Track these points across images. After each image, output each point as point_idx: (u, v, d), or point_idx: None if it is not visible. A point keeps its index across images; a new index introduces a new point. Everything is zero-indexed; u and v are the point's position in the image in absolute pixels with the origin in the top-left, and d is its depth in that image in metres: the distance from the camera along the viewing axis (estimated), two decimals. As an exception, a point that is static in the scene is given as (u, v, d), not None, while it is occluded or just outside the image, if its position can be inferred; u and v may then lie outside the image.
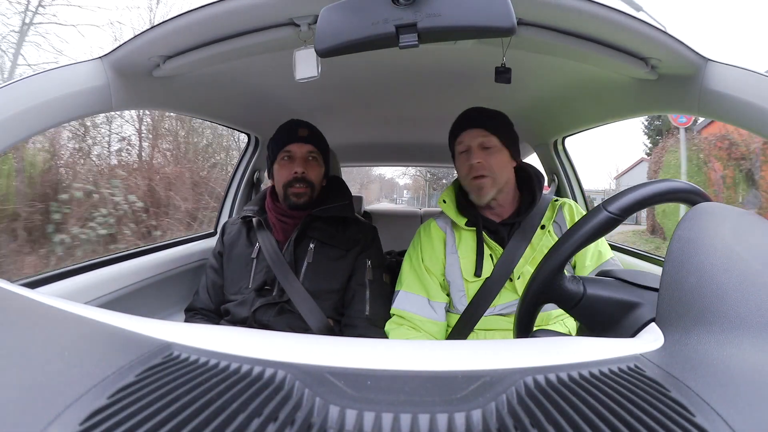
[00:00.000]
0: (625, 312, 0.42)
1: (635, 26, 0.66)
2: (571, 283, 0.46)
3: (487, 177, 0.88)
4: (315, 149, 1.05)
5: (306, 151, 1.03)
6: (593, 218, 0.45)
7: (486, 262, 0.90)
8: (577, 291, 0.45)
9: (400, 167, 23.76)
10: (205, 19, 0.68)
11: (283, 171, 1.03)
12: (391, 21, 0.45)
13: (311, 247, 1.02)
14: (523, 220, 0.91)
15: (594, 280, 0.47)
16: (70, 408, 0.19)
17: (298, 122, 1.07)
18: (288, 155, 1.03)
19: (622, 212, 0.44)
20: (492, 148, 0.90)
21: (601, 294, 0.44)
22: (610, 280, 0.46)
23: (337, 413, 0.21)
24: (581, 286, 0.45)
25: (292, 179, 1.01)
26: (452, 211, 0.95)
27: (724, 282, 0.28)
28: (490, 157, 0.89)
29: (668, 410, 0.20)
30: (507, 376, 0.24)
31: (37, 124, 0.67)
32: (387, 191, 29.81)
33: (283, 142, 1.04)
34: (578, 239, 0.45)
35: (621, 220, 0.44)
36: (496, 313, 0.88)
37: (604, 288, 0.45)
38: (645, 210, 6.16)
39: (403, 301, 0.93)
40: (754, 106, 0.64)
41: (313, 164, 1.04)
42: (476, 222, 0.92)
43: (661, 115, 7.32)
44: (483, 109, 0.94)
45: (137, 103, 0.89)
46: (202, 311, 1.06)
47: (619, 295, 0.43)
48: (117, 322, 0.30)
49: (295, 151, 1.03)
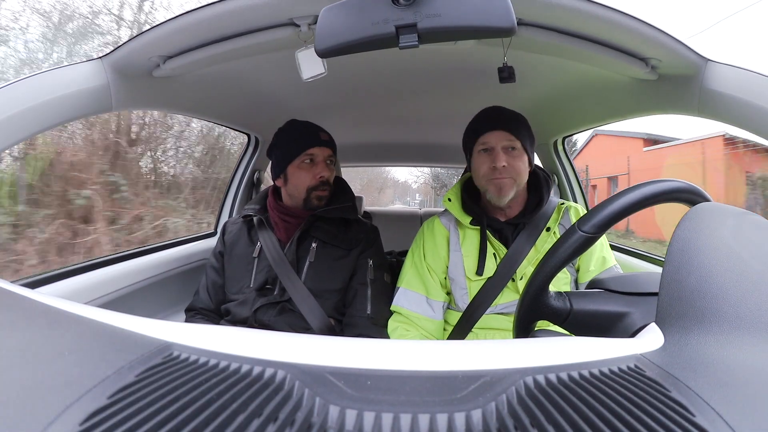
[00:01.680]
0: (613, 323, 0.43)
1: (635, 26, 0.66)
2: (557, 301, 0.47)
3: (508, 178, 0.88)
4: (332, 153, 1.06)
5: (327, 155, 1.05)
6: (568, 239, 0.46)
7: (489, 261, 0.90)
8: (564, 308, 0.46)
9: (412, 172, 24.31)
10: (205, 19, 0.68)
11: (305, 174, 1.02)
12: (391, 21, 0.45)
13: (313, 246, 1.02)
14: (528, 221, 0.91)
15: (580, 294, 0.48)
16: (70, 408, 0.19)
17: (315, 126, 1.07)
18: (311, 158, 1.03)
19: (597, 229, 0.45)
20: (515, 151, 0.90)
21: (588, 308, 0.46)
22: (597, 292, 0.47)
23: (337, 413, 0.21)
24: (567, 302, 0.47)
25: (318, 183, 1.02)
26: (457, 209, 0.95)
27: (724, 282, 0.28)
28: (514, 160, 0.89)
29: (668, 410, 0.20)
30: (507, 376, 0.24)
31: (37, 124, 0.67)
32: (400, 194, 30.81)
33: (306, 144, 1.02)
34: (556, 261, 0.46)
35: (597, 236, 0.45)
36: (497, 312, 0.88)
37: (590, 302, 0.46)
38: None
39: (402, 298, 0.93)
40: (754, 106, 0.64)
41: (331, 168, 1.07)
42: (481, 221, 0.92)
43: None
44: (505, 109, 0.94)
45: (137, 103, 0.89)
46: (202, 311, 1.06)
47: (605, 308, 0.45)
48: (117, 322, 0.30)
49: (318, 155, 1.03)
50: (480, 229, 0.92)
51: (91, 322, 0.30)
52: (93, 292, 0.95)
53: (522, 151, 0.90)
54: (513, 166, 0.88)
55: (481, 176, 0.91)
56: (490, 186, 0.90)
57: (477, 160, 0.93)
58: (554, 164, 1.62)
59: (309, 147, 1.02)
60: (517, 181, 0.89)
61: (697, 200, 0.44)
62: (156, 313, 1.20)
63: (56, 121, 0.70)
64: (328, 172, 1.04)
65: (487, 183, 0.90)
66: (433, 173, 17.09)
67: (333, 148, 1.07)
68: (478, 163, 0.92)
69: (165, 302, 1.24)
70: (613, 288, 0.46)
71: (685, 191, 0.45)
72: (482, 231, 0.91)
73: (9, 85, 0.63)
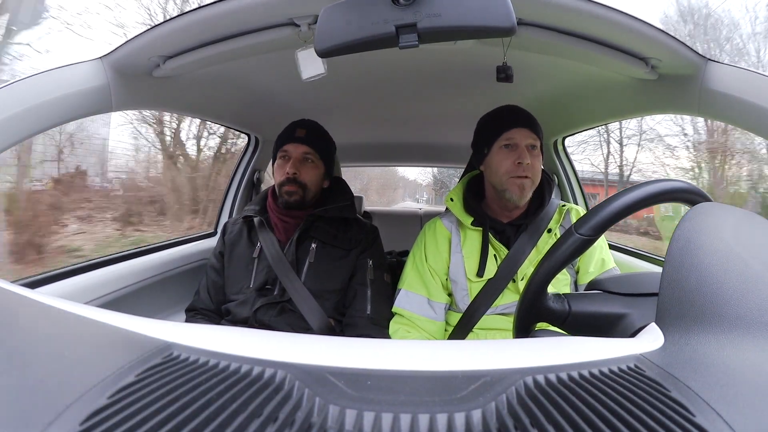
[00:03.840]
0: (612, 324, 0.44)
1: (635, 26, 0.66)
2: (555, 303, 0.47)
3: (529, 178, 0.88)
4: (311, 150, 1.04)
5: (301, 152, 1.03)
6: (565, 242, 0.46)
7: (490, 262, 0.89)
8: (563, 309, 0.47)
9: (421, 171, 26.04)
10: (205, 19, 0.68)
11: (279, 171, 1.04)
12: (391, 21, 0.45)
13: (313, 247, 1.02)
14: (530, 223, 0.91)
15: (578, 296, 0.48)
16: (70, 408, 0.19)
17: (301, 122, 1.07)
18: (285, 155, 1.04)
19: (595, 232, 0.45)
20: (536, 151, 0.90)
21: (586, 310, 0.46)
22: (595, 294, 0.48)
23: (337, 413, 0.21)
24: (566, 304, 0.47)
25: (284, 179, 1.02)
26: (459, 209, 0.95)
27: (724, 282, 0.28)
28: (535, 159, 0.89)
29: (668, 410, 0.20)
30: (507, 376, 0.24)
31: (37, 124, 0.67)
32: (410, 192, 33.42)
33: (282, 141, 1.05)
34: (553, 264, 0.46)
35: (594, 239, 0.45)
36: (498, 313, 0.88)
37: (589, 303, 0.46)
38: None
39: (404, 300, 0.93)
40: (754, 106, 0.64)
41: (308, 165, 1.04)
42: (483, 222, 0.92)
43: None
44: (523, 109, 0.94)
45: (137, 103, 0.89)
46: (203, 311, 1.06)
47: (604, 309, 0.45)
48: (117, 322, 0.30)
49: (291, 152, 1.03)
50: (482, 231, 0.92)
51: (91, 322, 0.30)
52: (93, 292, 0.95)
53: (540, 152, 0.91)
54: (534, 165, 0.88)
55: (503, 173, 0.88)
56: (512, 185, 0.87)
57: (498, 155, 0.90)
58: (554, 164, 1.62)
59: (284, 144, 1.04)
60: (535, 182, 0.89)
61: (697, 200, 0.44)
62: (156, 313, 1.20)
63: (56, 121, 0.70)
64: (295, 169, 1.02)
65: (508, 181, 0.88)
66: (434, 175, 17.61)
67: (312, 145, 1.05)
68: (499, 159, 0.89)
69: (165, 302, 1.24)
70: (612, 289, 0.47)
71: (685, 191, 0.45)
72: (484, 232, 0.91)
73: (9, 85, 0.63)
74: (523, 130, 0.89)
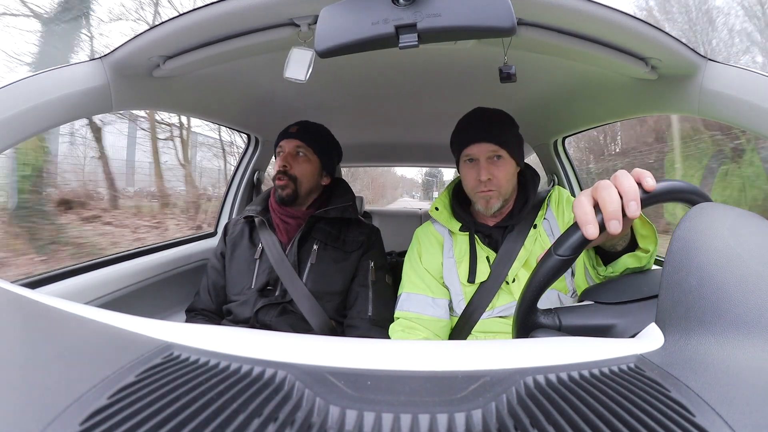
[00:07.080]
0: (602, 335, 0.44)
1: (635, 26, 0.66)
2: (546, 319, 0.48)
3: (494, 191, 0.88)
4: (302, 144, 1.05)
5: (293, 146, 1.05)
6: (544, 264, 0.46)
7: (481, 265, 0.89)
8: (554, 324, 0.48)
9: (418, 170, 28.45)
10: (205, 19, 0.68)
11: (275, 167, 1.07)
12: (391, 21, 0.45)
13: (315, 248, 1.02)
14: (516, 223, 0.91)
15: (568, 310, 0.49)
16: (70, 408, 0.19)
17: (299, 122, 1.09)
18: (280, 151, 1.07)
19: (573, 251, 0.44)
20: (501, 160, 0.88)
21: (576, 323, 0.47)
22: (585, 306, 0.48)
23: (337, 413, 0.21)
24: (556, 319, 0.48)
25: (276, 173, 1.05)
26: (446, 217, 0.95)
27: (724, 282, 0.28)
28: (498, 169, 0.88)
29: (668, 410, 0.20)
30: (507, 377, 0.24)
31: (37, 124, 0.67)
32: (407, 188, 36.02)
33: (278, 140, 1.08)
34: (535, 287, 0.46)
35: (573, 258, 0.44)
36: (495, 316, 0.88)
37: (579, 316, 0.47)
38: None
39: (407, 303, 0.92)
40: (754, 106, 0.64)
41: (300, 159, 1.05)
42: (469, 227, 0.92)
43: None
44: (489, 114, 0.92)
45: (137, 103, 0.89)
46: (203, 312, 1.06)
47: (593, 321, 0.46)
48: (117, 323, 0.30)
49: (284, 147, 1.06)
50: (468, 235, 0.92)
51: (91, 322, 0.30)
52: (93, 292, 0.95)
53: (508, 159, 0.89)
54: (497, 177, 0.87)
55: (470, 188, 0.91)
56: (479, 199, 0.90)
57: (463, 170, 0.93)
58: (554, 164, 1.62)
59: (280, 140, 1.07)
60: (503, 192, 0.89)
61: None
62: (156, 314, 1.19)
63: (56, 121, 0.70)
64: (285, 162, 1.04)
65: (475, 195, 0.91)
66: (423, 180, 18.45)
67: (304, 139, 1.06)
68: (464, 174, 0.92)
69: (165, 302, 1.24)
70: (602, 299, 0.47)
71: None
72: (471, 237, 0.91)
73: (9, 85, 0.63)
74: (482, 145, 0.87)
